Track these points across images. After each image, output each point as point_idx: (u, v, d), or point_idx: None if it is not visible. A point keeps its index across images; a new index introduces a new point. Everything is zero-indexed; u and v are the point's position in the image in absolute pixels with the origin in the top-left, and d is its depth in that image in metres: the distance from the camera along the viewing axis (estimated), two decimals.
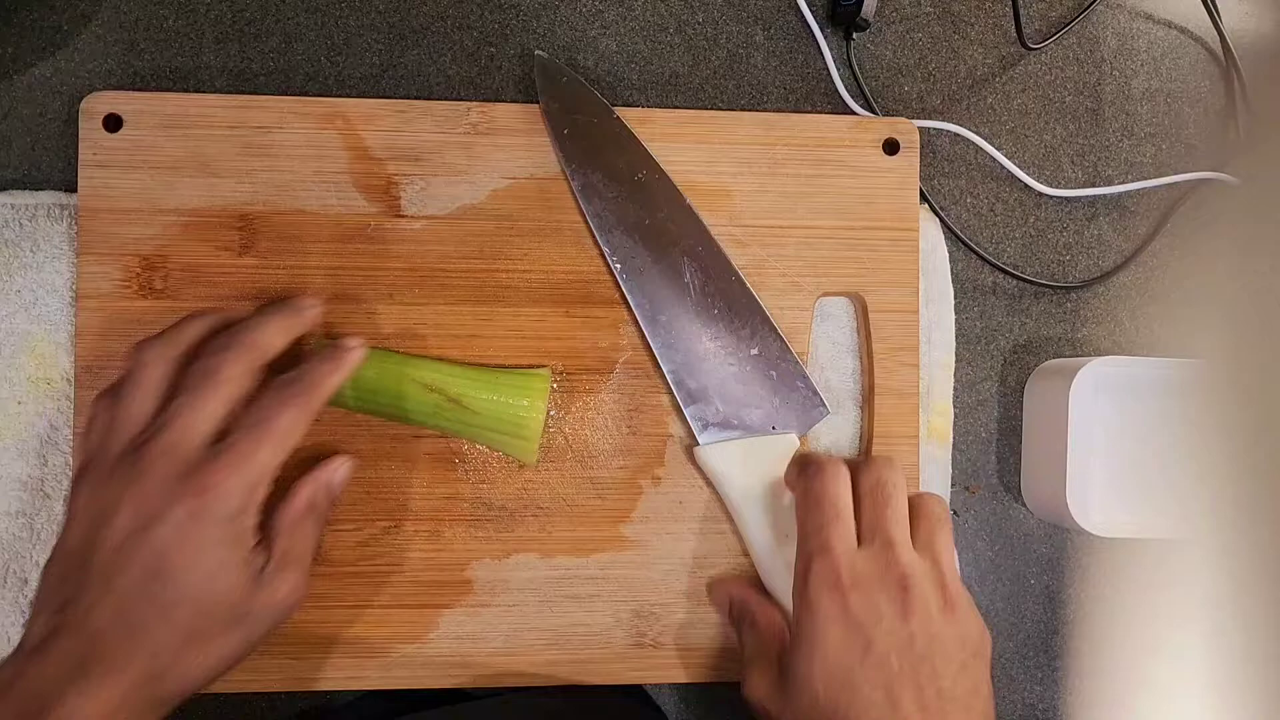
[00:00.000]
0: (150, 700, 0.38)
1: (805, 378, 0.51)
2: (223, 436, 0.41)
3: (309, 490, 0.45)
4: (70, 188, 0.50)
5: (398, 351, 0.50)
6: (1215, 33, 0.60)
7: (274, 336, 0.44)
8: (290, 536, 0.44)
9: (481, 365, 0.50)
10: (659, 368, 0.51)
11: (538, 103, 0.51)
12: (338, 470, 0.47)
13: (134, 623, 0.38)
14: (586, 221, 0.51)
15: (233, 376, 0.42)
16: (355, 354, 0.45)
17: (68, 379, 0.50)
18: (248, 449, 0.40)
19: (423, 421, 0.49)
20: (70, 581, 0.39)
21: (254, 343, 0.43)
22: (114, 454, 0.41)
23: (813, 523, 0.45)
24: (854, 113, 0.56)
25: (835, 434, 0.54)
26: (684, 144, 0.53)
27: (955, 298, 0.56)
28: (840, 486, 0.46)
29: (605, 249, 0.51)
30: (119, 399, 0.42)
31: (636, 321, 0.51)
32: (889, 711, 0.41)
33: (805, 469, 0.48)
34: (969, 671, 0.43)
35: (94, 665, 0.37)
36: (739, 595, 0.50)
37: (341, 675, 0.50)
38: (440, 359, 0.50)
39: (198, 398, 0.41)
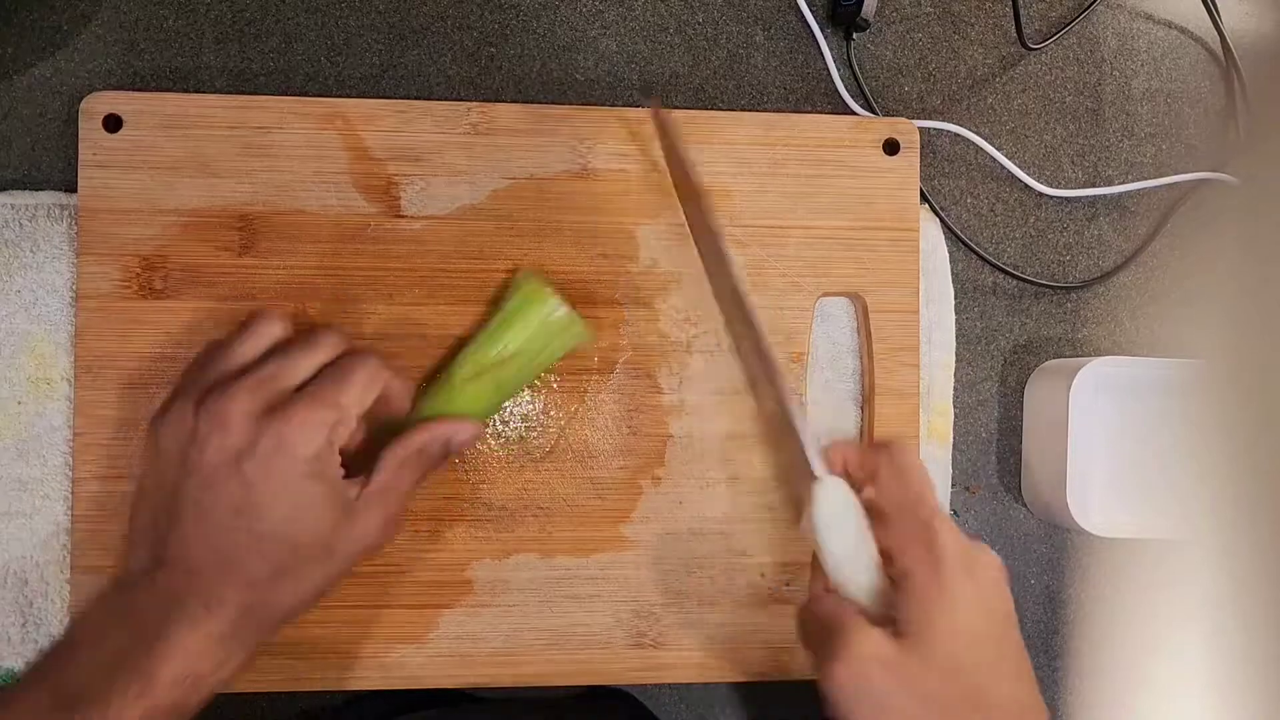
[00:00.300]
0: (249, 629, 0.40)
1: None
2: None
3: (424, 437, 0.45)
4: (70, 188, 0.50)
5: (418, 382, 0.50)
6: (1215, 33, 0.60)
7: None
8: (390, 473, 0.44)
9: (479, 327, 0.50)
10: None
11: (537, 103, 0.51)
12: (461, 430, 0.46)
13: (227, 556, 0.39)
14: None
15: (329, 344, 0.44)
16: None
17: (67, 379, 0.50)
18: (328, 392, 0.42)
19: (498, 404, 0.50)
20: (163, 515, 0.40)
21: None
22: (204, 385, 0.42)
23: (919, 488, 0.43)
24: (854, 113, 0.56)
25: (836, 434, 0.54)
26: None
27: (955, 298, 0.56)
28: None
29: None
30: (228, 341, 0.44)
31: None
32: (1022, 667, 0.41)
33: (888, 447, 0.45)
34: None
35: (192, 598, 0.39)
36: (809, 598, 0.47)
37: (342, 675, 0.50)
38: (453, 350, 0.50)
39: (292, 353, 0.43)
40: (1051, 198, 0.59)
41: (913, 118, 0.55)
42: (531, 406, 0.52)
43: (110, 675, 0.36)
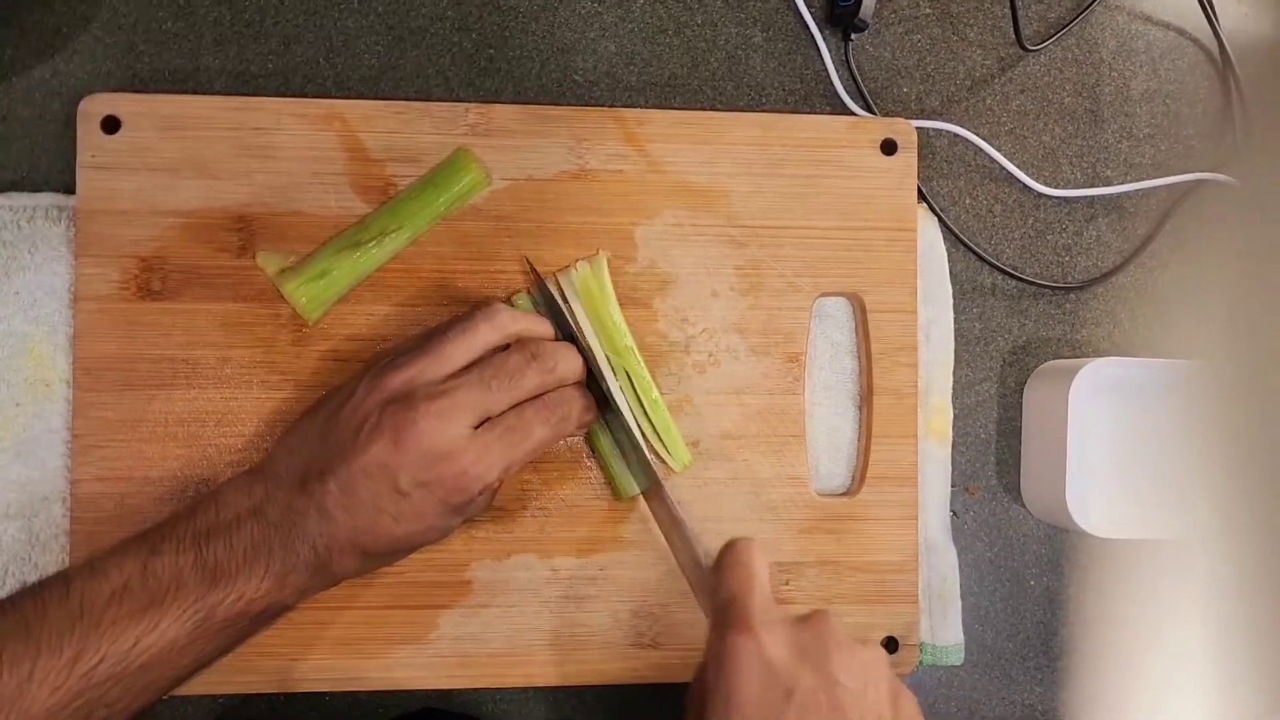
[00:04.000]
0: (351, 573, 0.44)
1: None
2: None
3: (554, 439, 0.47)
4: (69, 189, 0.50)
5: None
6: (1212, 34, 0.60)
7: (566, 372, 0.47)
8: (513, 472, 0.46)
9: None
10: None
11: (535, 104, 0.51)
12: (588, 415, 0.48)
13: (357, 528, 0.43)
14: None
15: (539, 370, 0.46)
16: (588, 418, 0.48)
17: (66, 381, 0.50)
18: (521, 437, 0.44)
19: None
20: (320, 460, 0.43)
21: (551, 369, 0.46)
22: (409, 379, 0.44)
23: (728, 591, 0.42)
24: (853, 114, 0.56)
25: (834, 434, 0.54)
26: (681, 145, 0.53)
27: (955, 299, 0.56)
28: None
29: None
30: (444, 335, 0.46)
31: None
32: None
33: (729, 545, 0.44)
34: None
35: (320, 540, 0.43)
36: None
37: (342, 676, 0.50)
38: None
39: (500, 376, 0.45)
40: (1050, 198, 0.59)
41: (911, 119, 0.55)
42: None
43: (250, 562, 0.41)
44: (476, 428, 0.44)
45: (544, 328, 0.48)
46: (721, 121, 0.53)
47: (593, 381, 0.49)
